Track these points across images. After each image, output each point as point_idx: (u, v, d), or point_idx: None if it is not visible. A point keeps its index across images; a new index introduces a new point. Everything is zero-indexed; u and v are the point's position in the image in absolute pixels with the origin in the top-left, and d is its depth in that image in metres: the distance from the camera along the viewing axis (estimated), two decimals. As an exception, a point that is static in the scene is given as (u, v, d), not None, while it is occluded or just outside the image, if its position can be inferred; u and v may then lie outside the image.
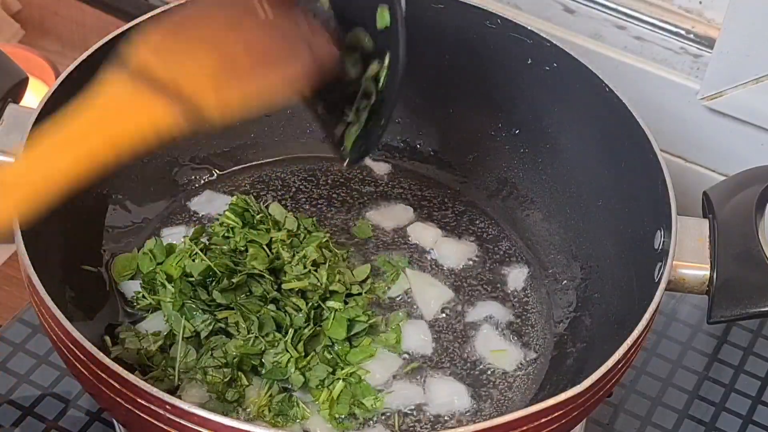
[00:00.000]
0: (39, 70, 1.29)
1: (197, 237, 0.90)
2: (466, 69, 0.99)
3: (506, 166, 1.00)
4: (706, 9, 1.03)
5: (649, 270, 0.80)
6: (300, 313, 0.85)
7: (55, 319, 0.72)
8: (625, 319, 0.81)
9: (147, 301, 0.87)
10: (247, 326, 0.84)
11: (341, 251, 0.92)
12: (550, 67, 0.94)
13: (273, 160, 1.01)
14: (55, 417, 0.90)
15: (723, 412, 0.95)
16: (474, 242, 0.97)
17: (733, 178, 0.88)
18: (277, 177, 1.00)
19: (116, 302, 0.89)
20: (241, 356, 0.83)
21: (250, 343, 0.83)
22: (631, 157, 0.87)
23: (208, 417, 0.67)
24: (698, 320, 1.02)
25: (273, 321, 0.84)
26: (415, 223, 0.98)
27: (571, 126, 0.95)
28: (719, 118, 1.03)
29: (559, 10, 1.06)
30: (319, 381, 0.83)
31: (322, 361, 0.84)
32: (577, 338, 0.88)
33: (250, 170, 1.00)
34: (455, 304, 0.92)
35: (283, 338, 0.84)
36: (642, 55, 1.05)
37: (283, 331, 0.85)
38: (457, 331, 0.90)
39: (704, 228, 0.82)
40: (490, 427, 0.68)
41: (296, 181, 1.00)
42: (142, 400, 0.68)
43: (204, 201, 0.97)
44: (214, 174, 0.99)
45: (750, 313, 0.78)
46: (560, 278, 0.94)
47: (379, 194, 1.00)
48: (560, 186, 0.96)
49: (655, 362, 0.98)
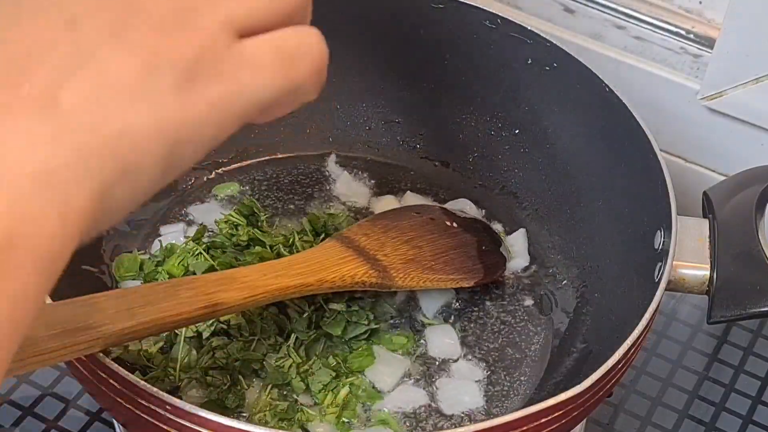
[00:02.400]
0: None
1: (199, 237, 0.90)
2: (465, 69, 0.99)
3: (506, 166, 1.00)
4: (706, 9, 1.03)
5: (649, 270, 0.80)
6: (303, 316, 0.85)
7: (55, 319, 0.72)
8: (625, 319, 0.81)
9: None
10: (251, 329, 0.84)
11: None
12: (550, 67, 0.94)
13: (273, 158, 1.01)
14: (55, 417, 0.90)
15: (723, 412, 0.95)
16: (474, 242, 0.97)
17: (733, 178, 0.88)
18: (277, 174, 1.00)
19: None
20: (242, 360, 0.83)
21: (252, 347, 0.83)
22: (631, 157, 0.87)
23: (208, 417, 0.67)
24: (698, 320, 1.02)
25: (275, 324, 0.84)
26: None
27: (571, 126, 0.95)
28: (719, 118, 1.03)
29: (559, 10, 1.06)
30: (323, 386, 0.82)
31: (325, 365, 0.84)
32: (577, 338, 0.88)
33: (250, 169, 1.00)
34: (454, 302, 0.92)
35: (285, 342, 0.84)
36: (642, 55, 1.05)
37: (285, 334, 0.85)
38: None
39: (704, 228, 0.82)
40: (490, 427, 0.68)
41: (297, 178, 1.00)
42: (142, 400, 0.68)
43: (204, 209, 0.97)
44: (213, 174, 0.99)
45: (750, 313, 0.78)
46: (560, 278, 0.94)
47: (379, 194, 1.00)
48: (560, 186, 0.96)
49: (655, 362, 0.98)
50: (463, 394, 0.85)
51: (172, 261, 0.88)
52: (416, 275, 0.85)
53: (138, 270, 0.89)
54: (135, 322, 0.69)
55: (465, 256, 0.89)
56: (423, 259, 0.86)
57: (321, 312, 0.86)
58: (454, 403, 0.85)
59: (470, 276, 0.89)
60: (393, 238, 0.86)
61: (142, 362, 0.83)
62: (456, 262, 0.88)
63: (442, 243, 0.89)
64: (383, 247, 0.85)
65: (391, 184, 1.01)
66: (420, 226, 0.90)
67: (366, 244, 0.84)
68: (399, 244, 0.86)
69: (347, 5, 0.98)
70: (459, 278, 0.88)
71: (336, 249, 0.82)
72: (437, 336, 0.88)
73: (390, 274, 0.84)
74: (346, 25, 0.99)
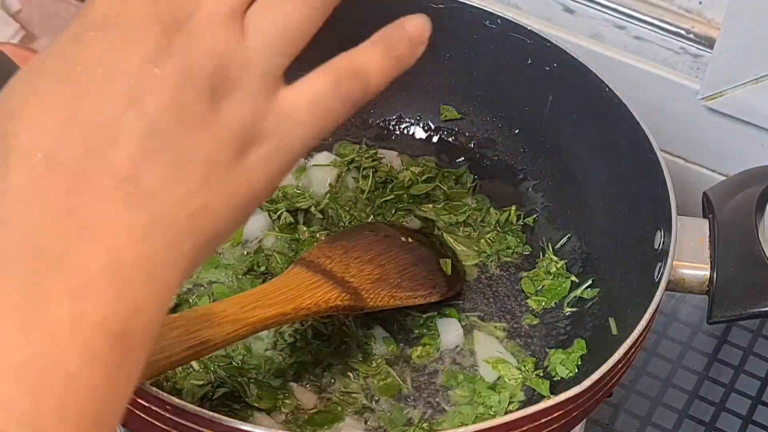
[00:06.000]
0: (39, 70, 1.28)
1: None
2: (465, 69, 0.99)
3: (506, 167, 1.00)
4: (706, 9, 1.03)
5: (649, 270, 0.80)
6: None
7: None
8: (625, 319, 0.81)
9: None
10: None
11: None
12: (550, 67, 0.94)
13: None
14: (55, 417, 0.90)
15: (723, 412, 0.95)
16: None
17: (733, 178, 0.88)
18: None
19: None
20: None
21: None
22: (631, 157, 0.87)
23: (208, 417, 0.67)
24: (698, 320, 1.02)
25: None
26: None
27: (570, 126, 0.95)
28: (719, 118, 1.03)
29: (559, 10, 1.06)
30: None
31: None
32: (578, 338, 0.88)
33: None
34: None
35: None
36: (642, 55, 1.05)
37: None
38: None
39: (704, 228, 0.82)
40: (490, 427, 0.68)
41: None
42: (142, 400, 0.68)
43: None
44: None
45: (750, 313, 0.78)
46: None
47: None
48: (560, 186, 0.96)
49: (655, 362, 0.98)
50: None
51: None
52: (386, 294, 0.86)
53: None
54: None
55: (426, 270, 0.90)
56: (389, 277, 0.87)
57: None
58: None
59: (435, 291, 0.89)
60: (355, 258, 0.87)
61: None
62: (420, 277, 0.89)
63: (404, 259, 0.89)
64: (348, 269, 0.85)
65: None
66: (378, 243, 0.90)
67: (331, 267, 0.85)
68: (362, 264, 0.87)
69: (346, 5, 0.98)
70: (426, 294, 0.88)
71: (304, 275, 0.83)
72: (449, 329, 0.89)
73: (361, 296, 0.84)
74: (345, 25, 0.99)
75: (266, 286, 0.81)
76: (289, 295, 0.80)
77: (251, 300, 0.78)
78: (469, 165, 1.01)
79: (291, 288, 0.81)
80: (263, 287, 0.81)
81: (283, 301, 0.79)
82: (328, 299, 0.81)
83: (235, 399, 0.82)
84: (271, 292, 0.80)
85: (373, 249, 0.89)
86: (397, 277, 0.87)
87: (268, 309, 0.78)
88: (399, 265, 0.88)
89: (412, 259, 0.90)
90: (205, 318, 0.74)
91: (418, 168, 0.99)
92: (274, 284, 0.81)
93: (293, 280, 0.82)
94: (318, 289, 0.82)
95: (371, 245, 0.89)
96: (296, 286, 0.81)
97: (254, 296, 0.79)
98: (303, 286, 0.81)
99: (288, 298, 0.80)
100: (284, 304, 0.79)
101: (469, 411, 0.83)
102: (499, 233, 0.96)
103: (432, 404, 0.84)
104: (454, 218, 0.97)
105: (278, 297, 0.79)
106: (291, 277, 0.82)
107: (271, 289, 0.80)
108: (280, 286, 0.81)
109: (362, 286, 0.85)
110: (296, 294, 0.80)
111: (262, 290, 0.80)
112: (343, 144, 1.01)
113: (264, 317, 0.77)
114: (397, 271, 0.88)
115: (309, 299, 0.80)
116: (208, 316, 0.75)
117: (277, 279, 0.83)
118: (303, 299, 0.80)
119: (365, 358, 0.86)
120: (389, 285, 0.86)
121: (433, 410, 0.84)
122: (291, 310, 0.79)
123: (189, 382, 0.82)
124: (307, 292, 0.81)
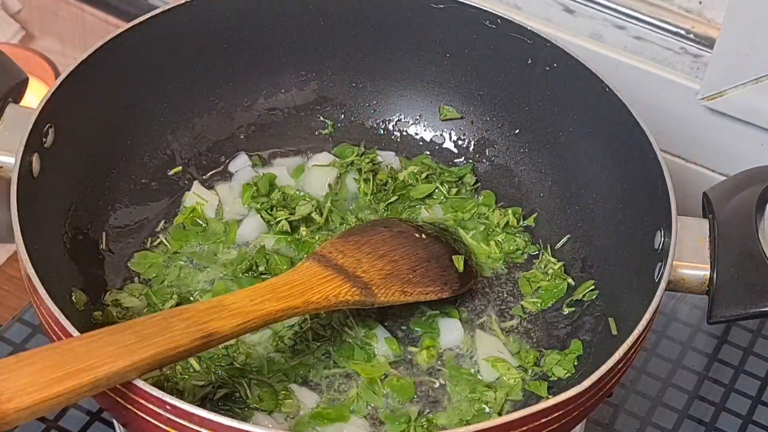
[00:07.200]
0: (39, 70, 1.29)
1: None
2: (465, 69, 0.99)
3: (505, 167, 1.00)
4: (706, 9, 1.03)
5: (649, 270, 0.80)
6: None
7: (54, 319, 0.72)
8: (625, 319, 0.81)
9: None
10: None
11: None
12: (550, 67, 0.94)
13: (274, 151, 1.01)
14: (55, 417, 0.90)
15: (723, 412, 0.95)
16: (474, 242, 0.97)
17: (733, 178, 0.88)
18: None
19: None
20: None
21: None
22: (631, 157, 0.87)
23: (208, 417, 0.67)
24: (698, 320, 1.02)
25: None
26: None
27: (571, 126, 0.95)
28: (719, 118, 1.03)
29: (559, 10, 1.06)
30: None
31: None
32: (578, 338, 0.88)
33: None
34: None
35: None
36: (642, 55, 1.05)
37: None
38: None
39: (704, 228, 0.82)
40: (490, 427, 0.68)
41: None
42: (142, 400, 0.68)
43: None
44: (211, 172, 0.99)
45: (750, 313, 0.78)
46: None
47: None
48: (560, 186, 0.96)
49: (655, 362, 0.98)
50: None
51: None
52: (396, 289, 0.86)
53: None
54: (130, 361, 0.68)
55: (439, 267, 0.90)
56: (401, 273, 0.87)
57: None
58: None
59: (447, 287, 0.89)
60: (368, 253, 0.87)
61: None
62: (431, 273, 0.89)
63: (416, 255, 0.89)
64: (360, 264, 0.86)
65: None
66: (391, 239, 0.90)
67: (343, 261, 0.85)
68: (375, 260, 0.87)
69: (347, 6, 0.98)
70: (437, 290, 0.88)
71: (316, 269, 0.83)
72: (449, 328, 0.89)
73: (372, 291, 0.84)
74: (345, 25, 0.99)
75: (276, 279, 0.82)
76: (300, 288, 0.80)
77: (261, 293, 0.78)
78: (469, 165, 1.01)
79: (301, 282, 0.81)
80: (273, 281, 0.81)
81: (293, 295, 0.79)
82: (338, 293, 0.82)
83: (236, 400, 0.82)
84: (281, 286, 0.80)
85: (386, 244, 0.89)
86: (408, 272, 0.88)
87: (278, 302, 0.78)
88: (411, 261, 0.89)
89: (425, 255, 0.90)
90: (215, 310, 0.75)
91: (416, 167, 0.99)
92: (284, 278, 0.82)
93: (304, 273, 0.82)
94: (328, 283, 0.82)
95: (384, 240, 0.89)
96: (307, 280, 0.81)
97: (264, 289, 0.79)
98: (313, 280, 0.82)
99: (298, 291, 0.80)
100: (294, 297, 0.79)
101: (467, 407, 0.83)
102: (508, 234, 0.96)
103: (431, 401, 0.84)
104: (460, 216, 0.97)
105: (288, 290, 0.79)
106: (302, 271, 0.83)
107: (281, 283, 0.80)
108: (291, 280, 0.81)
109: (373, 281, 0.85)
110: (306, 288, 0.81)
111: (272, 283, 0.80)
112: (343, 145, 1.01)
113: (273, 310, 0.77)
114: (409, 266, 0.88)
115: (319, 293, 0.81)
116: (218, 308, 0.75)
117: (288, 273, 0.83)
118: (313, 293, 0.80)
119: (368, 358, 0.86)
120: (400, 280, 0.87)
121: (432, 407, 0.84)
122: (301, 304, 0.79)
123: (190, 382, 0.82)
124: (318, 286, 0.81)
